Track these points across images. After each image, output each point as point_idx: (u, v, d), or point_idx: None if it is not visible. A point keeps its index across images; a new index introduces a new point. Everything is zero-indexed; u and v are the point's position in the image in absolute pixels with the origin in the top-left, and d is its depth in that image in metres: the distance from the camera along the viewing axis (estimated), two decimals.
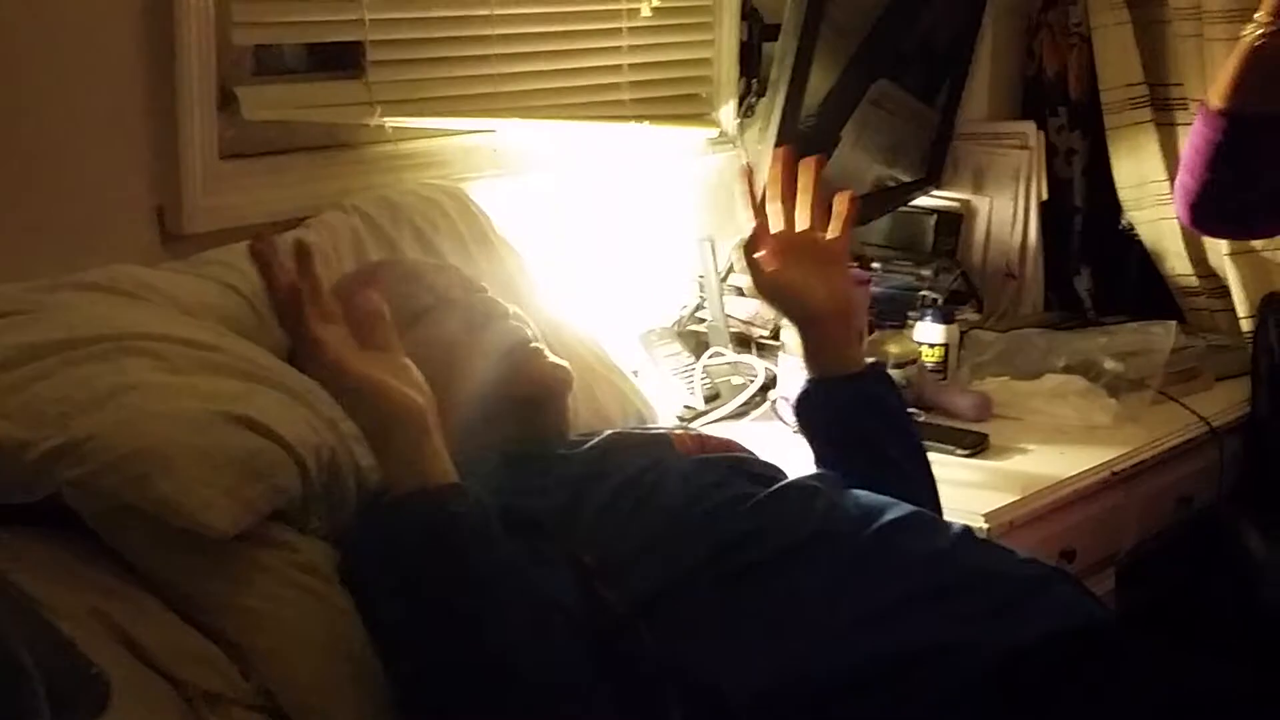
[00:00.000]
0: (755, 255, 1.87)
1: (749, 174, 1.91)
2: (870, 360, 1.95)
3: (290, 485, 1.55)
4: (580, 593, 1.54)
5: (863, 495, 1.72)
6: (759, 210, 1.88)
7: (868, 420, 1.87)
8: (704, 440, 1.86)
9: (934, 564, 1.58)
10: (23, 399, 1.52)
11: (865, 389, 1.89)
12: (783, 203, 1.87)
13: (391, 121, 2.18)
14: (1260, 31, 1.92)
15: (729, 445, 1.88)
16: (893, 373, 2.18)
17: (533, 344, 1.80)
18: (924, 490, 1.88)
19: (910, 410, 2.10)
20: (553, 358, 1.81)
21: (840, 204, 1.89)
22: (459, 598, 1.45)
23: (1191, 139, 2.06)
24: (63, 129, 1.87)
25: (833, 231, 1.88)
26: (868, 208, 2.52)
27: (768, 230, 1.88)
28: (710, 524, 1.61)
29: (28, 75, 1.83)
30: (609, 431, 1.85)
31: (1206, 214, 2.09)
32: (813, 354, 1.88)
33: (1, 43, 1.81)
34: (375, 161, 2.20)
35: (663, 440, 1.81)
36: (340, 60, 2.18)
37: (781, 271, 1.86)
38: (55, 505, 1.50)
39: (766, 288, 1.88)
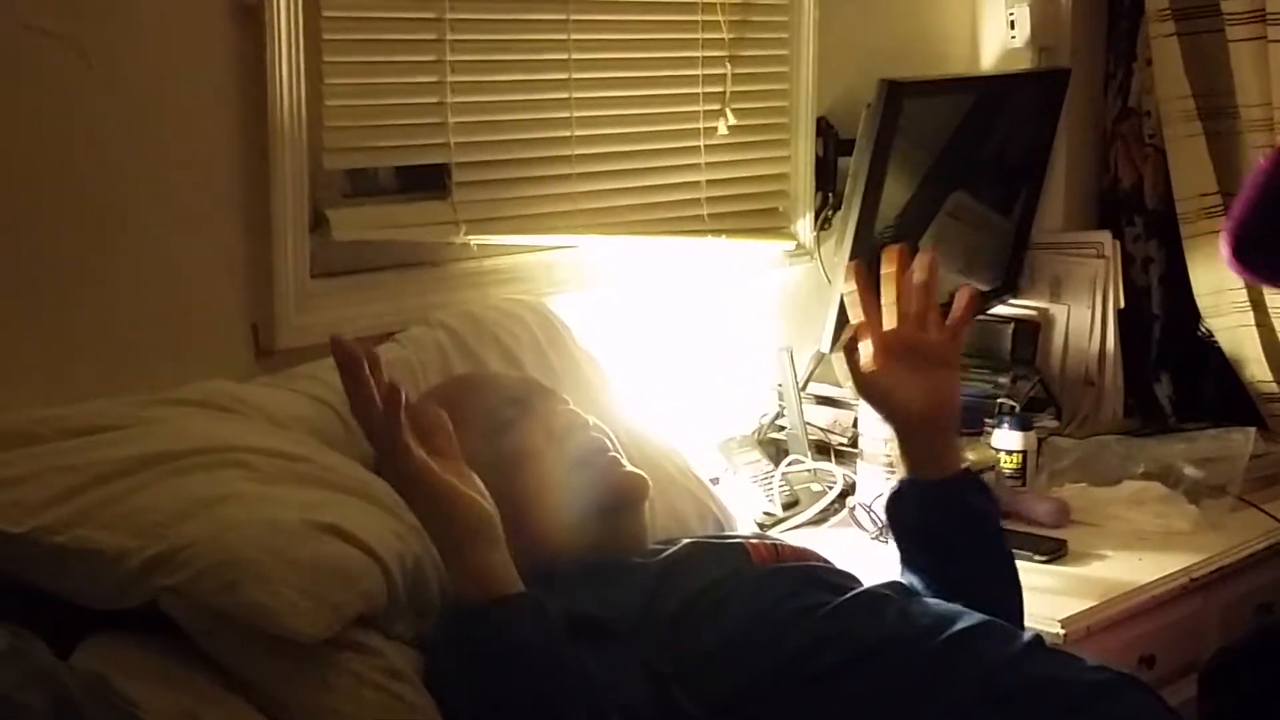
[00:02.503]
0: (856, 353, 1.84)
1: (859, 271, 1.86)
2: (966, 465, 1.94)
3: (376, 591, 1.58)
4: (655, 698, 1.57)
5: (934, 603, 1.74)
6: (868, 305, 1.84)
7: (958, 525, 1.86)
8: (779, 548, 1.87)
9: (1003, 671, 1.59)
10: (123, 510, 1.57)
11: (958, 493, 1.87)
12: (897, 300, 1.83)
13: (476, 239, 2.24)
14: None
15: (804, 554, 1.89)
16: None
17: (611, 453, 1.85)
18: (1009, 597, 1.88)
19: None
20: (630, 466, 1.85)
21: (961, 299, 1.85)
22: (532, 708, 1.50)
23: (1250, 176, 2.07)
24: (162, 250, 1.95)
25: (948, 328, 1.83)
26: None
27: (875, 326, 1.83)
28: (783, 632, 1.63)
29: (126, 197, 1.91)
30: (685, 540, 1.87)
31: (1247, 246, 2.09)
32: (908, 454, 1.87)
33: (101, 165, 1.89)
34: (460, 278, 2.26)
35: (738, 549, 1.83)
36: (427, 181, 2.25)
37: (882, 371, 1.83)
38: (152, 611, 1.54)
39: (866, 387, 1.86)
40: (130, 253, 1.92)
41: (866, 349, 1.84)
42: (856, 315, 1.86)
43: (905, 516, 1.90)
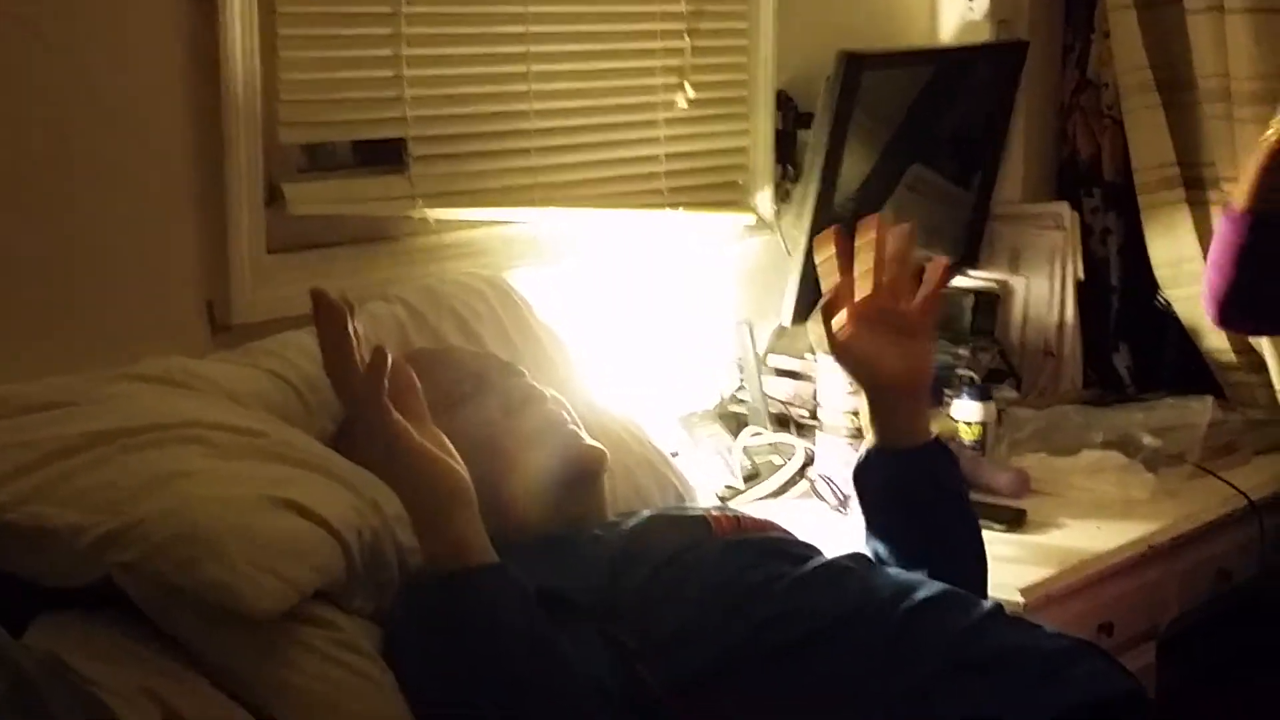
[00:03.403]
0: (833, 319, 1.84)
1: (835, 238, 1.85)
2: (935, 435, 1.94)
3: (333, 566, 1.58)
4: (619, 673, 1.57)
5: (895, 574, 1.75)
6: (843, 273, 1.84)
7: (925, 493, 1.87)
8: (741, 520, 1.87)
9: (963, 641, 1.59)
10: (76, 486, 1.57)
11: (927, 462, 1.88)
12: (872, 268, 1.82)
13: (433, 213, 2.23)
14: (1275, 133, 1.96)
15: (766, 525, 1.89)
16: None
17: (569, 425, 1.84)
18: (973, 566, 1.89)
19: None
20: (588, 439, 1.85)
21: (932, 270, 1.85)
22: (500, 680, 1.49)
23: (1217, 239, 2.09)
24: (115, 226, 1.94)
25: (921, 298, 1.84)
26: None
27: (849, 294, 1.83)
28: (746, 604, 1.63)
29: (82, 175, 1.90)
30: (646, 512, 1.87)
31: (1234, 312, 2.13)
32: (877, 422, 1.87)
33: (57, 143, 1.88)
34: (418, 252, 2.25)
35: (700, 521, 1.83)
36: (384, 155, 2.24)
37: (857, 337, 1.83)
38: (107, 588, 1.53)
39: (840, 352, 1.85)
40: (84, 229, 1.91)
41: (842, 315, 1.84)
42: (828, 283, 1.85)
43: (872, 485, 1.90)
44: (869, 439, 1.90)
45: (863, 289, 1.83)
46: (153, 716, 1.46)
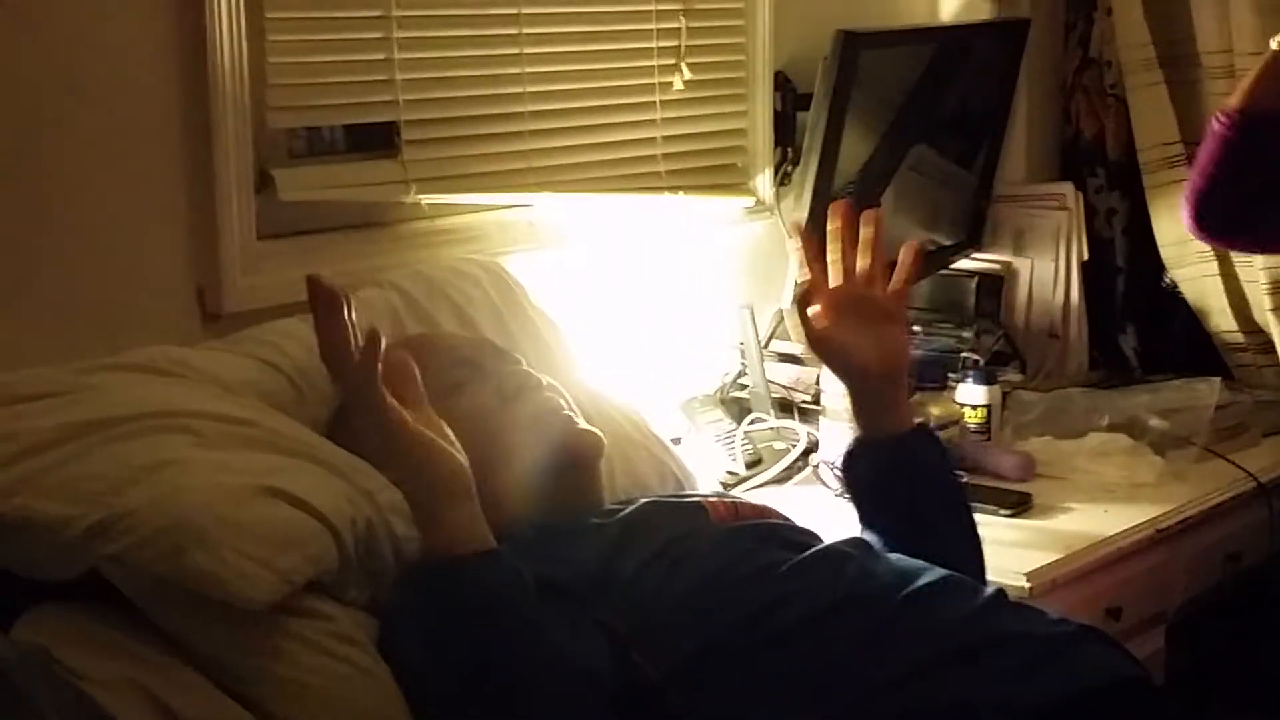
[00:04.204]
0: (808, 310, 1.83)
1: (803, 228, 1.86)
2: (919, 420, 1.93)
3: (325, 556, 1.56)
4: (613, 659, 1.55)
5: (895, 560, 1.72)
6: (814, 263, 1.84)
7: (912, 483, 1.86)
8: (738, 507, 1.85)
9: (964, 627, 1.58)
10: (62, 477, 1.55)
11: (911, 450, 1.86)
12: (842, 256, 1.82)
13: (427, 198, 2.21)
14: None
15: (763, 511, 1.87)
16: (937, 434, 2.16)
17: (565, 411, 1.82)
18: (968, 553, 1.87)
19: (954, 471, 2.08)
20: (584, 424, 1.82)
21: (906, 255, 1.85)
22: (498, 668, 1.47)
23: (1204, 142, 2.07)
24: (105, 214, 1.92)
25: (894, 283, 1.83)
26: None
27: (822, 284, 1.83)
28: (742, 590, 1.62)
29: (68, 161, 1.88)
30: (643, 499, 1.85)
31: (1209, 214, 2.10)
32: (860, 412, 1.86)
33: (43, 130, 1.86)
34: (411, 238, 2.23)
35: (696, 508, 1.81)
36: (375, 139, 2.21)
37: (833, 328, 1.82)
38: (95, 580, 1.52)
39: (817, 343, 1.85)
40: (71, 216, 1.89)
41: (816, 306, 1.82)
42: (804, 273, 1.85)
43: (859, 477, 1.89)
44: (854, 430, 1.88)
45: (836, 277, 1.81)
46: (141, 709, 1.44)
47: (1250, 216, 2.12)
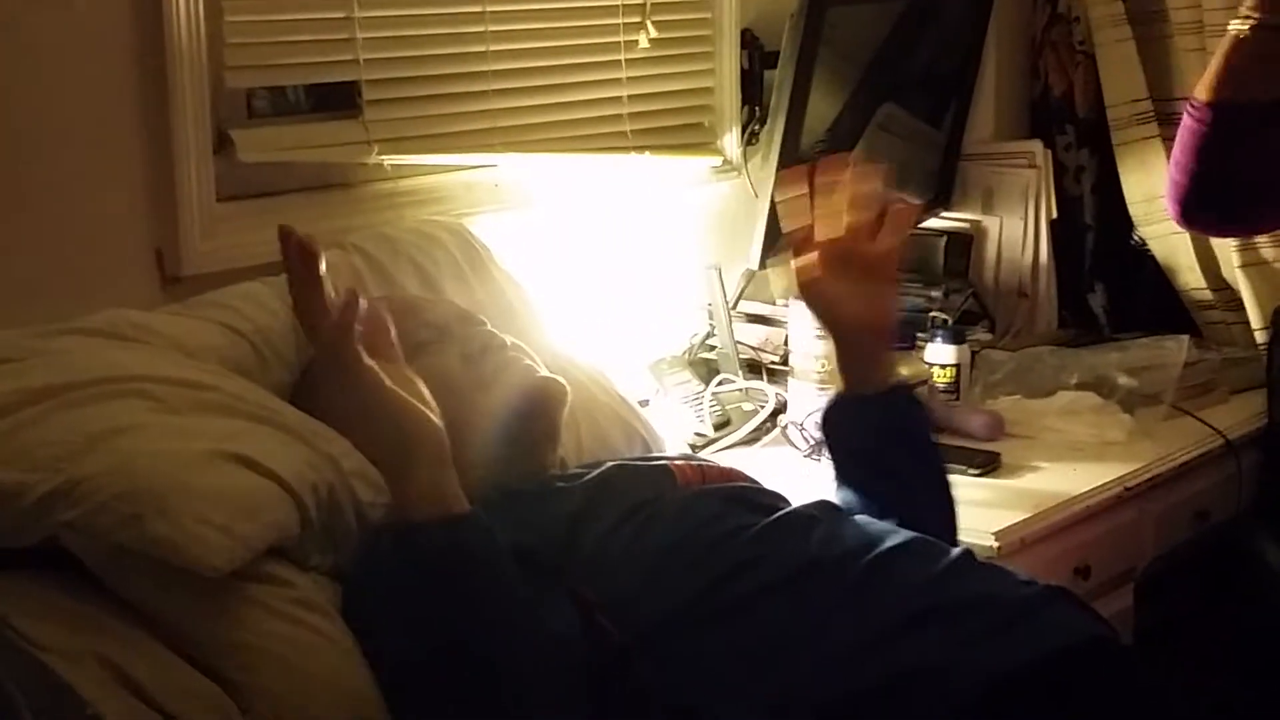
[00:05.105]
0: (799, 259, 1.81)
1: (797, 178, 1.81)
2: (900, 379, 1.92)
3: (287, 522, 1.55)
4: (580, 625, 1.54)
5: (862, 522, 1.72)
6: (805, 215, 1.80)
7: (891, 439, 1.85)
8: (705, 470, 1.85)
9: (930, 589, 1.57)
10: (18, 444, 1.52)
11: (892, 408, 1.86)
12: (838, 210, 1.78)
13: (389, 159, 2.19)
14: (1241, 24, 1.93)
15: (730, 474, 1.86)
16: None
17: (525, 362, 1.81)
18: (942, 511, 1.86)
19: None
20: (545, 372, 1.81)
21: (899, 213, 1.82)
22: (470, 633, 1.47)
23: (1180, 134, 2.05)
24: (59, 175, 1.89)
25: (884, 238, 1.80)
26: None
27: (812, 236, 1.80)
28: (707, 555, 1.61)
29: (23, 122, 1.85)
30: (609, 463, 1.84)
31: (1194, 207, 2.08)
32: (844, 367, 1.85)
33: None
34: (374, 199, 2.20)
35: (663, 471, 1.80)
36: (337, 99, 2.19)
37: (824, 279, 1.80)
38: (54, 548, 1.50)
39: (808, 293, 1.83)
40: (26, 179, 1.86)
41: (808, 257, 1.80)
42: (789, 224, 1.82)
43: (838, 432, 1.88)
44: (837, 384, 1.87)
45: (826, 230, 1.79)
46: (101, 679, 1.42)
47: (1231, 204, 2.10)
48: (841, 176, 1.79)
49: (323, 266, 1.50)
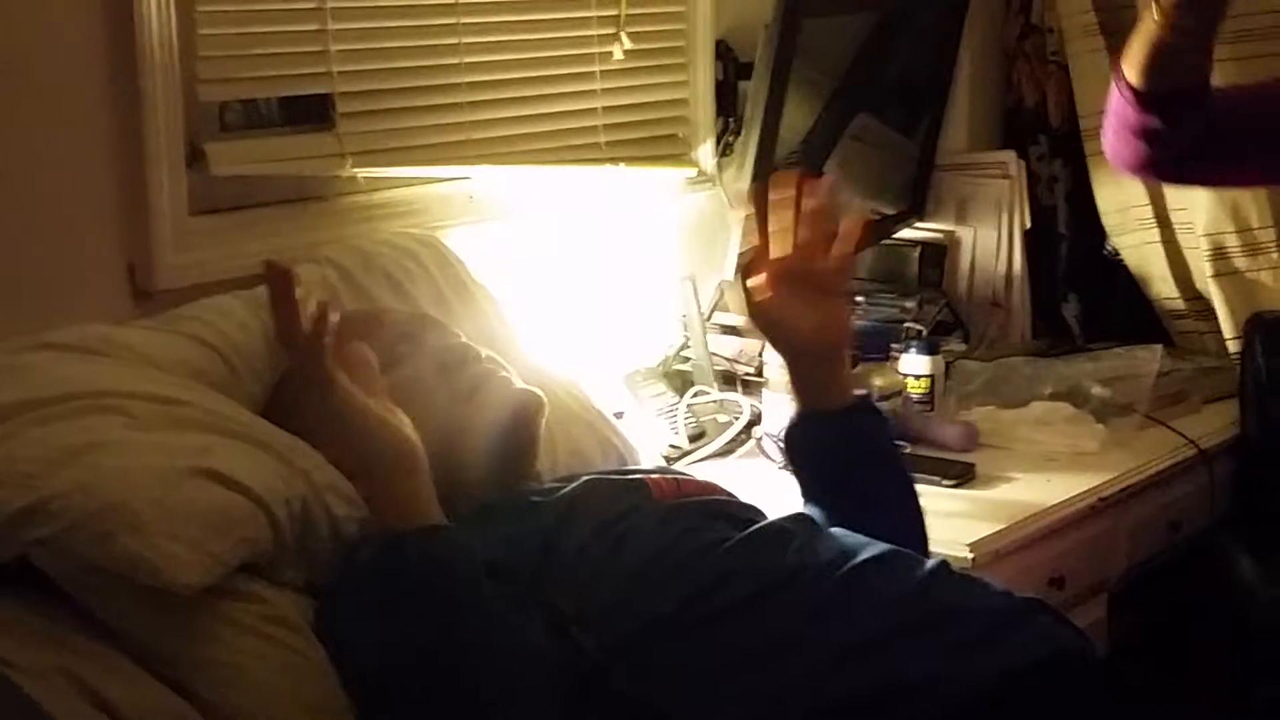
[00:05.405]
0: (751, 281, 1.79)
1: (759, 195, 1.79)
2: (860, 392, 1.90)
3: (259, 537, 1.55)
4: (555, 639, 1.54)
5: (838, 535, 1.71)
6: (762, 233, 1.78)
7: (853, 456, 1.83)
8: (681, 483, 1.84)
9: (906, 602, 1.57)
10: None
11: (851, 424, 1.84)
12: (790, 227, 1.75)
13: (363, 172, 2.18)
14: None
15: (707, 488, 1.86)
16: (878, 405, 2.15)
17: (501, 373, 1.80)
18: (910, 525, 1.85)
19: (896, 442, 2.06)
20: (522, 383, 1.81)
21: (848, 224, 1.78)
22: (445, 644, 1.47)
23: (1113, 103, 1.99)
24: (30, 189, 1.88)
25: (836, 250, 1.76)
26: None
27: (767, 254, 1.77)
28: (684, 569, 1.60)
29: None
30: (585, 477, 1.83)
31: (1160, 171, 2.07)
32: (799, 386, 1.83)
33: None
34: (348, 212, 2.20)
35: (638, 485, 1.79)
36: (310, 112, 2.18)
37: (774, 300, 1.77)
38: (25, 566, 1.49)
39: (757, 317, 1.81)
40: None
41: (759, 278, 1.79)
42: (748, 242, 1.81)
43: (799, 451, 1.87)
44: (794, 404, 1.85)
45: (777, 249, 1.77)
46: (71, 698, 1.42)
47: (1192, 175, 2.09)
48: (793, 193, 1.77)
49: (300, 288, 1.50)
